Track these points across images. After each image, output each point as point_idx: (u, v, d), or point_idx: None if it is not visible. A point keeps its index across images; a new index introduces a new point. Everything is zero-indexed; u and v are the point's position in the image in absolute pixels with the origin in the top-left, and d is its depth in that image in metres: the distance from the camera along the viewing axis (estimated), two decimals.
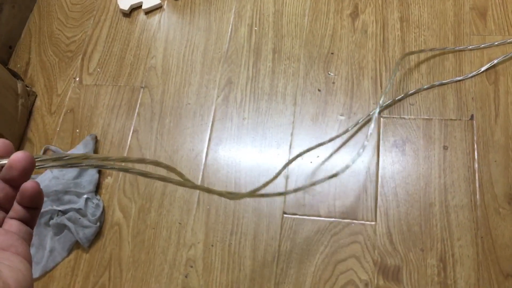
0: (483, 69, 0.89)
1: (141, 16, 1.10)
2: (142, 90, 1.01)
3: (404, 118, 0.88)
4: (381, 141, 0.87)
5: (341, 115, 0.91)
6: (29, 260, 0.33)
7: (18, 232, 0.34)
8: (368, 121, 0.88)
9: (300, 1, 1.03)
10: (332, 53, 0.97)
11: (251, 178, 0.89)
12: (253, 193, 0.69)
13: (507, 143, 0.83)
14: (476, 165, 0.82)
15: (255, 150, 0.91)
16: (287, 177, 0.88)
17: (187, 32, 1.05)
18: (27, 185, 0.34)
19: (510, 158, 0.82)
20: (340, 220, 0.83)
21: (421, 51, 0.92)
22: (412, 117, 0.88)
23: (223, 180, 0.89)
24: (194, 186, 0.50)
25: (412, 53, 0.92)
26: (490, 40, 0.91)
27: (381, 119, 0.89)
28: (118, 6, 1.10)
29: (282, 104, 0.94)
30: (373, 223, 0.81)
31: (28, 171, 0.33)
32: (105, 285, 0.85)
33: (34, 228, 0.36)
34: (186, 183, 0.48)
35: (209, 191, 0.53)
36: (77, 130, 1.00)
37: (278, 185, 0.87)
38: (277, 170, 0.88)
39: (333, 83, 0.94)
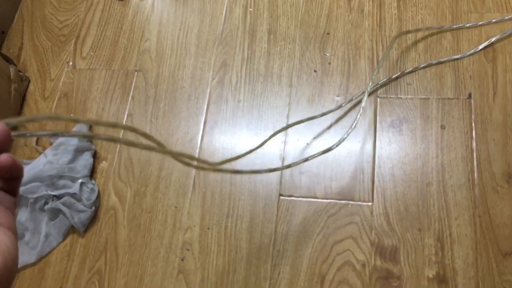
0: (481, 47, 0.87)
1: None
2: (136, 73, 1.00)
3: (401, 98, 0.87)
4: (377, 121, 0.86)
5: (338, 95, 0.90)
6: (13, 230, 0.33)
7: (0, 201, 0.34)
8: (364, 100, 0.87)
9: None
10: (328, 33, 0.95)
11: (247, 160, 0.88)
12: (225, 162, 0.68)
13: (505, 121, 0.82)
14: (474, 144, 0.81)
15: (250, 133, 0.90)
16: (283, 159, 0.87)
17: (181, 14, 1.04)
18: (1, 158, 0.33)
19: (508, 136, 0.81)
20: (337, 201, 0.82)
21: (417, 30, 0.90)
22: (409, 96, 0.87)
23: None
24: (168, 152, 0.49)
25: (408, 32, 0.90)
26: (488, 18, 0.90)
27: (378, 99, 0.88)
28: None
29: (277, 85, 0.93)
30: (370, 203, 0.81)
31: (3, 143, 0.32)
32: (101, 269, 0.85)
33: (17, 196, 0.36)
34: (163, 150, 0.48)
35: (190, 158, 0.53)
36: (71, 115, 0.99)
37: (274, 167, 0.86)
38: (273, 153, 0.87)
39: (329, 63, 0.93)
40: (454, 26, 0.90)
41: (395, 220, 0.79)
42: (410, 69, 0.88)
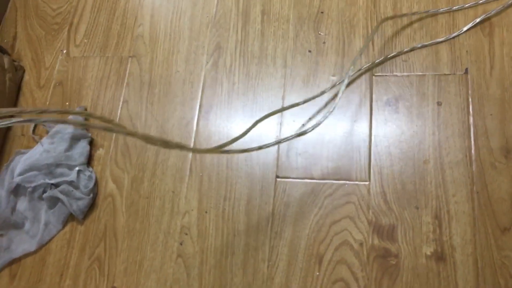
0: (478, 20, 0.86)
1: None
2: (130, 59, 0.99)
3: (396, 75, 0.86)
4: (373, 100, 0.85)
5: (333, 75, 0.89)
6: None
7: None
8: (359, 79, 0.86)
9: None
10: (322, 12, 0.94)
11: (243, 144, 0.88)
12: (217, 149, 0.67)
13: (503, 95, 0.81)
14: (471, 120, 0.80)
15: (246, 115, 0.89)
16: (279, 142, 0.86)
17: None
18: None
19: (506, 111, 0.79)
20: (334, 181, 0.82)
21: (402, 15, 0.89)
22: (405, 74, 0.86)
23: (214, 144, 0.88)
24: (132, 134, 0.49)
25: (392, 17, 0.88)
26: None
27: (373, 77, 0.87)
28: None
29: (272, 67, 0.92)
30: (367, 183, 0.80)
31: None
32: (101, 256, 0.85)
33: None
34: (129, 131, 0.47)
35: (166, 145, 0.52)
36: (67, 103, 0.98)
37: (270, 149, 0.86)
38: (268, 135, 0.86)
39: (324, 43, 0.92)
40: (454, 8, 0.88)
41: (392, 199, 0.79)
42: (408, 48, 0.87)
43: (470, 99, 0.81)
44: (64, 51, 1.03)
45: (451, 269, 0.73)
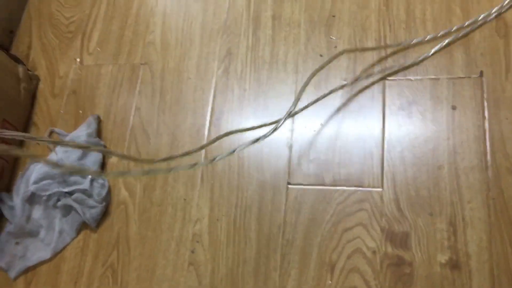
0: (494, 11, 0.83)
1: None
2: (142, 67, 1.00)
3: (410, 79, 0.85)
4: (386, 105, 0.84)
5: (345, 80, 0.88)
6: None
7: None
8: (372, 83, 0.85)
9: None
10: (333, 16, 0.93)
11: (255, 150, 0.87)
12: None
13: None
14: (487, 124, 0.78)
15: (257, 122, 0.89)
16: (290, 147, 0.85)
17: (184, 3, 1.03)
18: None
19: None
20: (346, 188, 0.80)
21: (363, 49, 0.87)
22: (419, 77, 0.84)
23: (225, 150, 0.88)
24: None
25: (350, 50, 0.86)
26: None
27: (386, 81, 0.86)
28: None
29: (283, 72, 0.91)
30: (380, 189, 0.79)
31: None
32: (114, 263, 0.86)
33: None
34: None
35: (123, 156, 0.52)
36: (80, 111, 0.99)
37: (281, 156, 0.85)
38: (281, 141, 0.86)
39: (335, 47, 0.91)
40: (466, 23, 0.86)
41: (406, 206, 0.77)
42: (422, 57, 0.85)
43: (485, 103, 0.80)
44: (78, 60, 1.04)
45: (466, 278, 0.72)
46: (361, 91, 0.86)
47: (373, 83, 0.86)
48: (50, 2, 1.13)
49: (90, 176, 0.87)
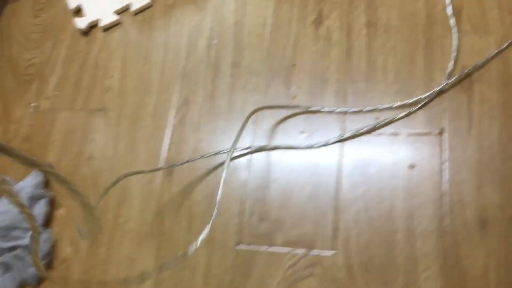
0: (455, 77, 0.80)
1: (100, 33, 1.05)
2: (97, 113, 0.96)
3: (368, 134, 0.81)
4: (342, 162, 0.80)
5: (302, 132, 0.84)
6: None
7: None
8: (327, 139, 0.81)
9: (262, 9, 0.96)
10: (294, 65, 0.90)
11: (204, 207, 0.83)
12: None
13: (481, 158, 0.74)
14: (446, 186, 0.74)
15: (210, 176, 0.85)
16: (242, 203, 0.81)
17: (145, 49, 1.00)
18: None
19: (484, 177, 0.73)
20: (297, 250, 0.76)
21: (279, 106, 0.83)
22: (377, 132, 0.80)
23: (175, 210, 0.84)
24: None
25: (262, 108, 0.83)
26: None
27: (343, 136, 0.82)
28: (75, 25, 1.05)
29: (239, 123, 0.87)
30: (332, 253, 0.74)
31: None
32: None
33: None
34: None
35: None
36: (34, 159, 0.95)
37: (232, 215, 0.81)
38: (232, 197, 0.82)
39: (294, 98, 0.87)
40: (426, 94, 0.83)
41: (359, 272, 0.72)
42: (385, 105, 0.81)
43: (445, 163, 0.75)
44: (34, 104, 1.01)
45: None
46: (316, 146, 0.82)
47: (329, 138, 0.82)
48: (11, 43, 1.10)
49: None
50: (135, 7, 1.03)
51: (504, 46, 0.80)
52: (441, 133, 0.77)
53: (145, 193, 0.86)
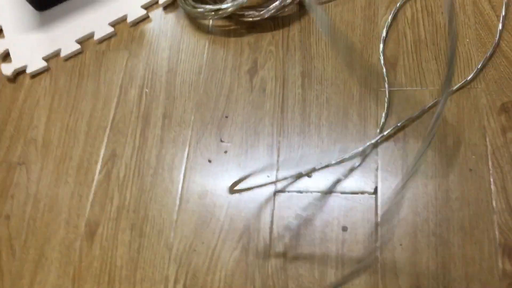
0: (389, 130, 0.77)
1: (27, 80, 0.99)
2: (19, 167, 0.89)
3: (300, 191, 0.76)
4: (273, 222, 0.75)
5: (227, 188, 0.79)
6: None
7: None
8: (260, 195, 0.77)
9: (196, 58, 0.92)
10: (226, 117, 0.85)
11: (127, 272, 0.77)
12: None
13: (415, 221, 0.70)
14: (378, 251, 0.69)
15: (134, 240, 0.79)
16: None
17: (73, 97, 0.94)
18: None
19: (418, 241, 0.69)
20: None
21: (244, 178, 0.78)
22: (310, 191, 0.76)
23: (95, 275, 0.77)
24: None
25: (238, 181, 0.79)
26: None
27: (275, 195, 0.77)
28: (1, 71, 0.99)
29: (168, 180, 0.82)
30: None
31: None
32: None
33: None
34: None
35: None
36: None
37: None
38: (162, 263, 0.76)
39: (226, 152, 0.82)
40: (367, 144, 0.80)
41: None
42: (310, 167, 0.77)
43: (378, 226, 0.71)
44: None
45: None
46: (247, 202, 0.77)
47: (260, 193, 0.77)
48: None
49: None
50: (64, 53, 0.98)
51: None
52: (375, 193, 0.73)
53: (64, 258, 0.80)
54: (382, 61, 0.82)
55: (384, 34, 0.84)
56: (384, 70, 0.81)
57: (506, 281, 0.65)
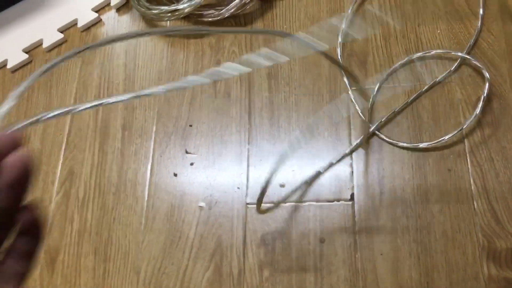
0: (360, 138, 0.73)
1: None
2: None
3: (273, 202, 0.72)
4: (246, 237, 0.71)
5: (202, 203, 0.74)
6: None
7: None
8: (230, 210, 0.72)
9: (155, 63, 0.86)
10: (190, 125, 0.80)
11: None
12: None
13: (394, 227, 0.67)
14: (359, 262, 0.66)
15: (99, 265, 0.73)
16: None
17: (23, 112, 0.88)
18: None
19: (399, 249, 0.66)
20: None
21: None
22: (283, 202, 0.72)
23: None
24: None
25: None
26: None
27: (247, 207, 0.72)
28: None
29: (132, 197, 0.77)
30: None
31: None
32: None
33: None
34: None
35: None
36: None
37: None
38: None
39: (192, 164, 0.77)
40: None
41: None
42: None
43: (357, 235, 0.67)
44: None
45: None
46: (218, 217, 0.73)
47: (231, 207, 0.73)
48: None
49: None
50: (11, 64, 0.91)
51: (413, 97, 0.73)
52: (351, 200, 0.69)
53: None
54: (339, 56, 0.78)
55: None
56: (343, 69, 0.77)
57: (492, 286, 0.62)
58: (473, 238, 0.65)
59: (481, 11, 0.76)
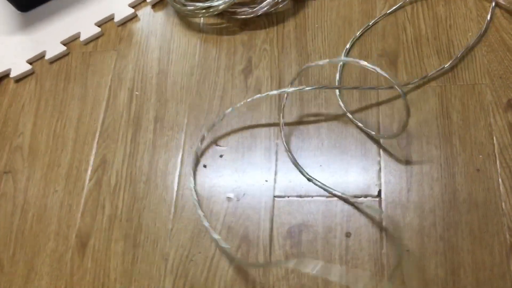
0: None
1: (11, 85, 0.94)
2: (4, 176, 0.85)
3: (301, 196, 0.73)
4: (273, 229, 0.72)
5: (230, 194, 0.76)
6: None
7: None
8: (258, 202, 0.73)
9: (188, 59, 0.89)
10: (221, 119, 0.82)
11: (122, 285, 0.73)
12: None
13: (421, 225, 0.67)
14: (385, 258, 0.66)
15: (128, 251, 0.75)
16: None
17: (60, 101, 0.90)
18: None
19: (425, 246, 0.66)
20: None
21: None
22: (310, 196, 0.73)
23: None
24: None
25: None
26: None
27: (274, 200, 0.74)
28: None
29: (162, 187, 0.79)
30: None
31: None
32: None
33: None
34: None
35: None
36: None
37: None
38: (158, 274, 0.72)
39: (221, 156, 0.79)
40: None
41: None
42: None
43: (383, 231, 0.68)
44: None
45: None
46: (245, 209, 0.74)
47: (259, 200, 0.74)
48: None
49: None
50: (49, 55, 0.94)
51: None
52: (378, 196, 0.70)
53: (54, 271, 0.76)
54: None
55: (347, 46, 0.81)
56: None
57: None
58: (500, 238, 0.65)
59: None
